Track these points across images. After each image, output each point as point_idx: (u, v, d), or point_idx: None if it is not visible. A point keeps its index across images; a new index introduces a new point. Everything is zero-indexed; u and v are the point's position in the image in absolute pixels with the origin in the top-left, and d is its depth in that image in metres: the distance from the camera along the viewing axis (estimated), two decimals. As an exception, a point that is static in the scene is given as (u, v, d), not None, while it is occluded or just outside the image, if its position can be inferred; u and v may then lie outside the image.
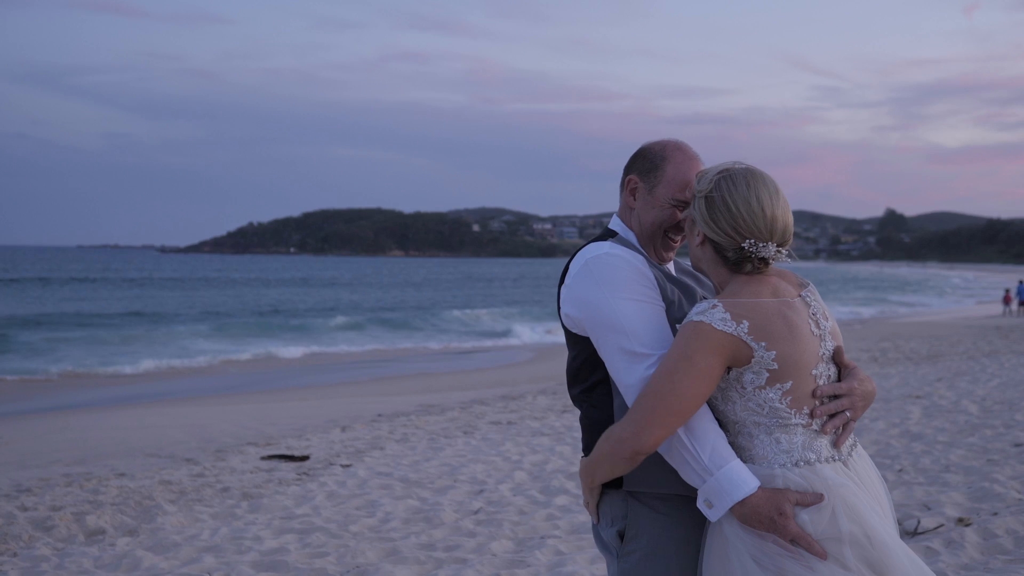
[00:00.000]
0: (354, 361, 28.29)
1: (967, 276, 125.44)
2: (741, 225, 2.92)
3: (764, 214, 2.92)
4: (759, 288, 2.94)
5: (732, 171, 2.98)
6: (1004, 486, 7.84)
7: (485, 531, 7.75)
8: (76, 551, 7.56)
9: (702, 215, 2.97)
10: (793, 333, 2.89)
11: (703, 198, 2.97)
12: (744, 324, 2.84)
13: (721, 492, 2.85)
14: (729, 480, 2.84)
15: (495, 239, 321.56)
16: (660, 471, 3.04)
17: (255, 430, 13.79)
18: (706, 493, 2.87)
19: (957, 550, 6.33)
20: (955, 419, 11.82)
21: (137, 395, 19.89)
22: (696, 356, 2.83)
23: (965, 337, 29.17)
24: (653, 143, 3.30)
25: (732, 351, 2.85)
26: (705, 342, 2.84)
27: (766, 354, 2.85)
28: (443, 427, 13.65)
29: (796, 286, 3.01)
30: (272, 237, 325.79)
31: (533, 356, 28.90)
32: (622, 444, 2.90)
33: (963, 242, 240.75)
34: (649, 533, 3.09)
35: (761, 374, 2.88)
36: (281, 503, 9.01)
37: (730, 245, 2.94)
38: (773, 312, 2.88)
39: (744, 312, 2.86)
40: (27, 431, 14.21)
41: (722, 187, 2.94)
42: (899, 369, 19.70)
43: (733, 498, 2.83)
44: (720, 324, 2.84)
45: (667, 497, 3.09)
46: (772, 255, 2.95)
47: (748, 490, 2.83)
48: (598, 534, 3.27)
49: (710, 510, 2.88)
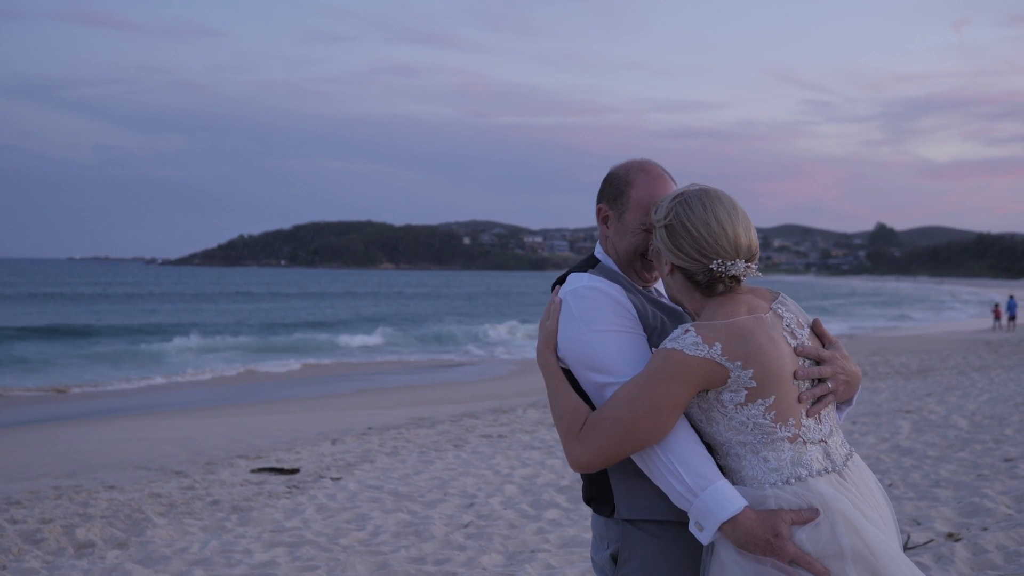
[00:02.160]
0: (343, 374, 28.25)
1: (960, 290, 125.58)
2: (704, 247, 2.91)
3: (726, 232, 2.92)
4: (734, 308, 2.93)
5: (686, 194, 2.97)
6: (994, 501, 7.85)
7: (475, 545, 7.74)
8: (65, 564, 7.53)
9: (665, 244, 2.97)
10: (770, 348, 2.88)
11: (663, 227, 2.97)
12: (717, 346, 2.84)
13: (707, 513, 2.83)
14: (714, 500, 2.82)
15: (485, 252, 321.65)
16: (652, 498, 3.02)
17: (245, 443, 13.77)
18: (695, 515, 2.86)
19: (947, 565, 6.34)
20: (945, 434, 11.84)
21: (127, 407, 19.85)
22: (659, 386, 2.84)
23: (955, 352, 29.24)
24: (618, 167, 3.28)
25: (705, 375, 2.85)
26: (673, 370, 2.84)
27: (743, 373, 2.84)
28: (433, 440, 13.63)
29: (768, 299, 3.01)
30: (263, 250, 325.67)
31: (518, 369, 28.88)
32: (568, 451, 2.98)
33: (953, 256, 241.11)
34: (643, 556, 3.06)
35: (739, 392, 2.87)
36: (271, 516, 8.99)
37: (698, 269, 2.94)
38: (747, 330, 2.87)
39: (716, 334, 2.85)
40: (17, 443, 14.17)
41: (680, 213, 2.94)
42: (889, 384, 19.72)
43: (719, 518, 2.81)
44: (692, 349, 2.84)
45: (661, 522, 3.05)
46: (742, 272, 2.95)
47: (734, 509, 2.80)
48: (593, 557, 3.24)
49: (701, 533, 2.85)
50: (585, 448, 2.92)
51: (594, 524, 3.24)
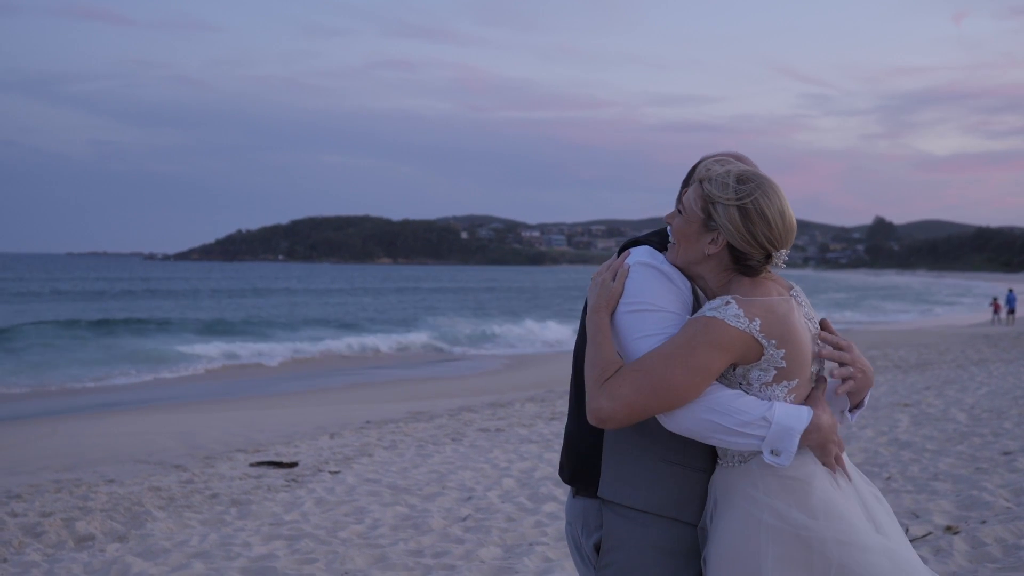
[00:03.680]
0: (335, 368, 28.21)
1: (974, 285, 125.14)
2: (776, 236, 2.92)
3: (793, 224, 2.96)
4: (767, 289, 2.96)
5: (761, 179, 2.94)
6: (992, 494, 7.86)
7: (473, 538, 7.76)
8: (66, 557, 7.54)
9: (735, 225, 2.90)
10: (801, 331, 2.93)
11: (735, 207, 2.90)
12: (756, 322, 2.86)
13: (787, 431, 2.85)
14: (787, 417, 2.86)
15: (483, 247, 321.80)
16: (640, 487, 3.01)
17: (244, 437, 13.77)
18: (771, 442, 2.86)
19: (945, 558, 6.35)
20: (944, 427, 11.85)
21: (126, 401, 19.84)
22: (698, 349, 2.83)
23: (954, 345, 29.25)
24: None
25: (742, 348, 2.87)
26: (714, 338, 2.84)
27: (776, 352, 2.88)
28: (431, 434, 13.64)
29: (786, 287, 3.03)
30: (261, 245, 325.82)
31: (512, 364, 28.86)
32: (591, 400, 2.91)
33: (952, 250, 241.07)
34: (626, 547, 3.02)
35: (769, 371, 2.90)
36: (270, 509, 9.00)
37: (758, 254, 2.94)
38: (783, 311, 2.91)
39: (756, 311, 2.88)
40: (16, 437, 14.17)
41: (758, 198, 2.91)
42: (888, 377, 19.74)
43: (797, 431, 2.85)
44: (733, 320, 2.85)
45: (647, 514, 3.01)
46: (784, 260, 3.00)
47: (807, 414, 2.88)
48: (576, 547, 3.19)
49: (779, 457, 2.86)
50: (610, 398, 2.86)
51: (572, 506, 3.20)
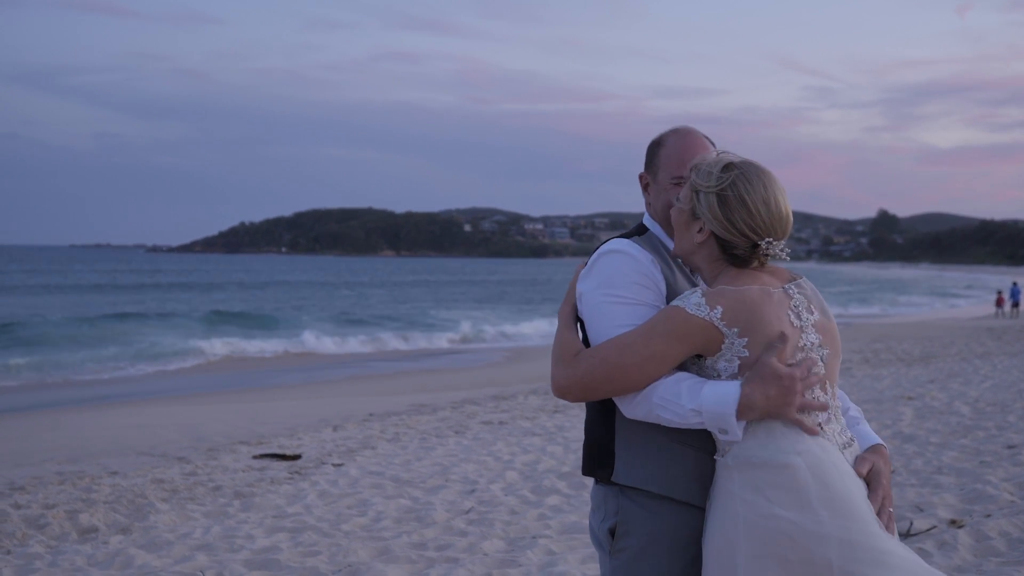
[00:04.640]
0: (336, 362, 28.20)
1: (964, 277, 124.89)
2: (759, 225, 2.89)
3: (783, 213, 2.92)
4: (748, 280, 2.90)
5: (744, 166, 2.92)
6: (997, 488, 7.84)
7: (477, 531, 7.75)
8: (69, 549, 7.55)
9: (713, 213, 2.90)
10: (772, 321, 2.84)
11: (713, 195, 2.90)
12: (718, 310, 2.82)
13: (718, 420, 2.82)
14: (715, 401, 2.81)
15: (486, 239, 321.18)
16: (653, 470, 3.01)
17: (247, 429, 13.78)
18: (711, 426, 2.84)
19: (950, 552, 6.33)
20: (947, 421, 11.83)
21: (129, 394, 19.86)
22: (656, 339, 2.84)
23: (958, 338, 29.22)
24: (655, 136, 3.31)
25: (703, 337, 2.83)
26: (672, 326, 2.84)
27: (737, 340, 2.82)
28: (435, 427, 13.64)
29: (784, 280, 2.97)
30: (264, 237, 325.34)
31: (514, 356, 28.86)
32: (552, 375, 2.99)
33: (956, 243, 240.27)
34: (640, 532, 3.03)
35: (733, 362, 2.85)
36: (273, 502, 9.00)
37: (743, 244, 2.91)
38: (752, 300, 2.84)
39: (720, 299, 2.83)
40: (20, 429, 14.19)
41: (738, 185, 2.89)
42: (891, 370, 19.72)
43: (729, 414, 2.79)
44: (694, 309, 2.83)
45: (661, 498, 3.03)
46: (780, 253, 2.95)
47: (735, 394, 2.79)
48: (592, 529, 3.21)
49: (726, 436, 2.84)
50: (567, 373, 2.93)
51: (594, 495, 3.21)
